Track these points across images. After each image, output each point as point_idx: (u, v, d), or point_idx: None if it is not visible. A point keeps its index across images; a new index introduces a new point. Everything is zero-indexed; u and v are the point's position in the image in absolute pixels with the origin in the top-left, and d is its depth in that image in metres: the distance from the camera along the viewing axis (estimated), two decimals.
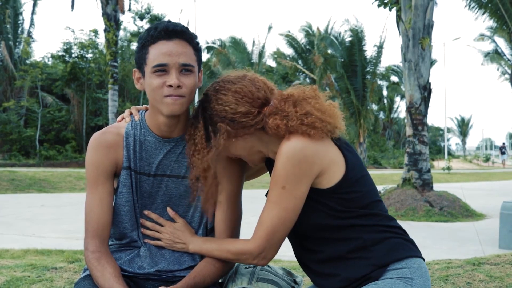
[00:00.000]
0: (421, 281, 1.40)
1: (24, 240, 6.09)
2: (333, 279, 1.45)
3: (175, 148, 1.57)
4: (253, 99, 1.46)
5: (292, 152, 1.37)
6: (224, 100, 1.46)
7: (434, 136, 55.61)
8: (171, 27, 1.45)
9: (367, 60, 27.32)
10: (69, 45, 24.88)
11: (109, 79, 15.60)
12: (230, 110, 1.45)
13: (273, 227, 1.41)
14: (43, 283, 3.11)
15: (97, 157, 1.53)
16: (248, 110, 1.45)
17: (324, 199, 1.43)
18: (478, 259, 3.70)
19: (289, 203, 1.40)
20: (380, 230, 1.45)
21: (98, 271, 1.45)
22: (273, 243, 1.43)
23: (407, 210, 8.89)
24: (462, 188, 14.08)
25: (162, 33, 1.44)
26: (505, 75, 25.05)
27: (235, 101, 1.45)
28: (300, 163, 1.37)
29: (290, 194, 1.39)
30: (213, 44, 31.42)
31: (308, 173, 1.39)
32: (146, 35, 1.47)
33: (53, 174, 14.69)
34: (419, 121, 9.56)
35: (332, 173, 1.42)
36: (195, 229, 1.60)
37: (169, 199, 1.58)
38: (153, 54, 1.44)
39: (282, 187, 1.39)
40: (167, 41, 1.44)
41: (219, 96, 1.47)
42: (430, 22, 9.67)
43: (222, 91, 1.48)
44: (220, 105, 1.46)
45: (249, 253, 1.44)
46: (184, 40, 1.46)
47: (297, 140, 1.38)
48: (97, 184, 1.53)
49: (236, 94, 1.46)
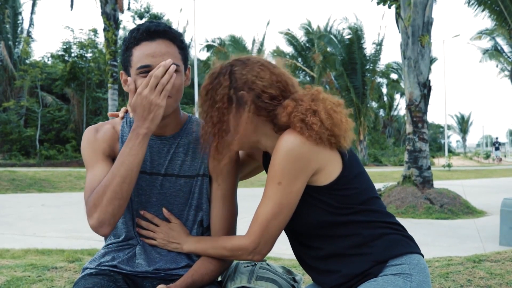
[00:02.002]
0: (421, 277, 1.40)
1: (25, 240, 6.10)
2: (333, 275, 1.45)
3: (168, 146, 1.57)
4: (285, 89, 1.46)
5: (289, 148, 1.36)
6: (261, 75, 1.44)
7: (435, 134, 55.62)
8: (153, 27, 1.44)
9: (367, 58, 27.32)
10: (68, 44, 24.87)
11: (109, 78, 15.60)
12: (261, 86, 1.43)
13: (268, 222, 1.40)
14: (43, 283, 3.11)
15: (93, 139, 1.53)
16: (276, 96, 1.44)
17: (322, 196, 1.42)
18: (479, 256, 3.70)
19: (284, 199, 1.39)
20: (379, 226, 1.44)
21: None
22: (267, 238, 1.42)
23: (408, 208, 8.90)
24: (463, 185, 14.08)
25: (144, 34, 1.43)
26: (504, 72, 25.03)
27: (270, 81, 1.44)
28: (297, 159, 1.37)
29: (285, 189, 1.38)
30: (212, 43, 31.41)
31: (304, 170, 1.38)
32: (130, 37, 1.46)
33: (54, 173, 14.70)
34: (419, 118, 9.56)
35: (329, 170, 1.41)
36: (190, 228, 1.60)
37: (164, 198, 1.57)
38: (137, 56, 1.44)
39: (278, 182, 1.38)
40: (150, 42, 1.43)
41: (256, 68, 1.45)
42: (430, 19, 9.66)
43: (260, 66, 1.46)
44: (254, 77, 1.44)
45: (244, 248, 1.44)
46: (168, 40, 1.45)
47: (295, 136, 1.37)
48: (96, 162, 1.51)
49: (273, 76, 1.45)
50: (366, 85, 26.96)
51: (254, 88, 1.43)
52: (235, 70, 1.45)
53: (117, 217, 1.42)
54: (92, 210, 1.40)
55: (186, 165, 1.58)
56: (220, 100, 1.44)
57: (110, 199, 1.38)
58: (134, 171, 1.41)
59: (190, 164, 1.58)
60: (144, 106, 1.38)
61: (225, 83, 1.44)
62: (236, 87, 1.43)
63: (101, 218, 1.39)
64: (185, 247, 1.55)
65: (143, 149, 1.41)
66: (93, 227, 1.41)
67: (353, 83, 26.56)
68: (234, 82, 1.44)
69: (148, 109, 1.38)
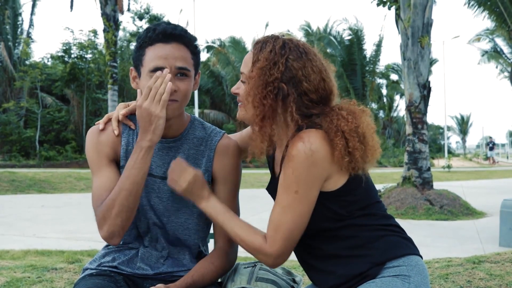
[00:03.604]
0: (419, 279, 1.39)
1: (24, 240, 6.10)
2: (330, 276, 1.45)
3: (168, 149, 1.56)
4: (326, 98, 1.44)
5: (303, 156, 1.34)
6: (311, 77, 1.41)
7: (434, 135, 55.60)
8: (169, 30, 1.44)
9: (367, 59, 27.34)
10: (68, 45, 24.85)
11: (109, 79, 15.59)
12: (306, 88, 1.41)
13: (290, 231, 1.39)
14: (43, 284, 3.11)
15: (97, 142, 1.53)
16: (315, 101, 1.42)
17: (329, 202, 1.42)
18: (478, 257, 3.70)
19: (304, 208, 1.38)
20: (377, 229, 1.44)
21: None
22: (290, 246, 1.42)
23: (407, 209, 8.90)
24: (462, 186, 14.08)
25: (160, 36, 1.43)
26: (504, 73, 25.03)
27: (316, 86, 1.42)
28: (311, 167, 1.35)
29: (303, 198, 1.37)
30: (212, 44, 31.42)
31: (318, 177, 1.37)
32: (144, 36, 1.46)
33: (53, 174, 14.70)
34: (418, 119, 9.56)
35: (337, 177, 1.40)
36: (190, 236, 1.59)
37: (161, 202, 1.56)
38: (150, 56, 1.44)
39: (295, 191, 1.36)
40: (165, 44, 1.43)
41: (309, 68, 1.42)
42: (429, 21, 9.67)
43: (313, 66, 1.42)
44: (303, 77, 1.41)
45: (266, 256, 1.41)
46: (182, 44, 1.46)
47: (308, 142, 1.35)
48: (101, 166, 1.51)
49: (321, 82, 1.42)
50: (366, 86, 26.98)
51: (298, 88, 1.41)
52: (289, 58, 1.42)
53: (126, 228, 1.44)
54: (102, 223, 1.42)
55: None
56: (271, 84, 1.41)
57: (118, 212, 1.41)
58: (139, 184, 1.42)
59: None
60: (145, 118, 1.39)
61: (277, 72, 1.40)
62: (282, 79, 1.41)
63: (111, 230, 1.42)
64: (203, 205, 1.48)
65: (147, 162, 1.42)
66: (104, 238, 1.45)
67: (353, 84, 26.59)
68: (284, 72, 1.41)
69: (148, 120, 1.39)
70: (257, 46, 1.47)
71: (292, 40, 1.47)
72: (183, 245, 1.60)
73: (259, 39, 1.50)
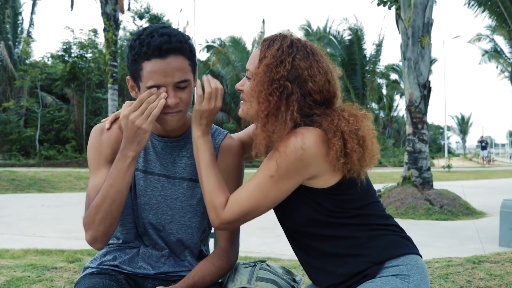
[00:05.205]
0: (419, 278, 1.39)
1: (24, 240, 6.10)
2: (328, 275, 1.45)
3: (172, 148, 1.56)
4: (330, 100, 1.45)
5: (292, 149, 1.34)
6: (316, 78, 1.42)
7: (434, 135, 55.59)
8: (165, 46, 1.38)
9: (367, 59, 27.34)
10: (68, 44, 24.83)
11: (109, 78, 15.60)
12: (310, 88, 1.41)
13: (249, 209, 1.40)
14: (43, 283, 3.11)
15: (98, 142, 1.54)
16: (319, 102, 1.42)
17: (317, 198, 1.42)
18: (478, 257, 3.70)
19: (273, 193, 1.38)
20: (376, 229, 1.44)
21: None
22: (240, 221, 1.43)
23: (407, 209, 8.90)
24: (462, 186, 14.08)
25: (156, 52, 1.38)
26: (504, 73, 25.03)
27: (321, 87, 1.42)
28: (296, 161, 1.35)
29: (275, 184, 1.37)
30: (212, 43, 31.41)
31: (301, 173, 1.37)
32: (139, 50, 1.39)
33: (53, 174, 14.70)
34: (419, 119, 9.57)
35: (329, 176, 1.40)
36: (193, 235, 1.59)
37: (164, 201, 1.56)
38: (148, 72, 1.40)
39: (271, 176, 1.37)
40: (161, 59, 1.38)
41: (315, 69, 1.42)
42: (430, 20, 9.68)
43: (319, 68, 1.42)
44: (309, 77, 1.41)
45: (217, 216, 1.41)
46: (179, 55, 1.41)
47: (301, 138, 1.35)
48: (99, 166, 1.52)
49: (326, 84, 1.43)
50: (366, 86, 26.99)
51: (303, 87, 1.41)
52: (296, 58, 1.42)
53: (109, 235, 1.46)
54: (86, 227, 1.45)
55: (189, 168, 1.57)
56: (276, 82, 1.41)
57: (101, 219, 1.42)
58: (123, 193, 1.43)
59: (194, 167, 1.56)
60: (130, 130, 1.39)
61: (283, 70, 1.40)
62: (288, 77, 1.41)
63: (94, 236, 1.44)
64: (198, 134, 1.48)
65: (131, 171, 1.42)
66: (88, 242, 1.47)
67: (353, 84, 26.59)
68: (290, 71, 1.41)
69: (134, 133, 1.39)
70: (264, 43, 1.47)
71: (300, 40, 1.47)
72: (184, 244, 1.60)
73: (267, 37, 1.50)
